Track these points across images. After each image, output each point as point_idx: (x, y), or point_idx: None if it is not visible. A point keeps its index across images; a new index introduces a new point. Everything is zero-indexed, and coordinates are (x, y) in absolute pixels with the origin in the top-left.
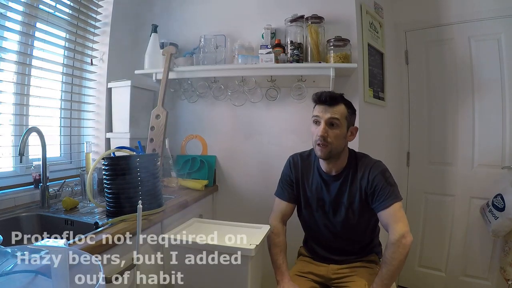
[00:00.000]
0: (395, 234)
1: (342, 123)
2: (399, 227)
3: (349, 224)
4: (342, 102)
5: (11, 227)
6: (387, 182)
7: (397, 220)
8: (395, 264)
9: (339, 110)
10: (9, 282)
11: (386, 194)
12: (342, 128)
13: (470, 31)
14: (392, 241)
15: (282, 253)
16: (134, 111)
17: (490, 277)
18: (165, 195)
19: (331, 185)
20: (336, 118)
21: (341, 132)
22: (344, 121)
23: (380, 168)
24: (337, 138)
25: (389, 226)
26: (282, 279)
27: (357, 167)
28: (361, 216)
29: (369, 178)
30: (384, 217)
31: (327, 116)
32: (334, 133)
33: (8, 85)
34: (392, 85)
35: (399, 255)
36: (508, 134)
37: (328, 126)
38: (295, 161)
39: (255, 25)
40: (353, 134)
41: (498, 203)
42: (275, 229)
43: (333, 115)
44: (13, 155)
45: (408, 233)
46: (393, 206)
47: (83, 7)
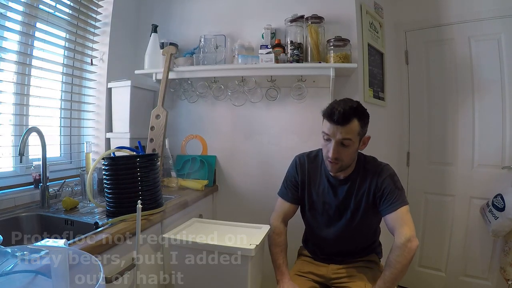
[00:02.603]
0: (401, 238)
1: (354, 140)
2: (405, 231)
3: (353, 227)
4: (355, 117)
5: (11, 227)
6: (395, 186)
7: (403, 224)
8: (399, 267)
9: (351, 129)
10: (9, 282)
11: (394, 198)
12: (354, 145)
13: (470, 31)
14: (398, 245)
15: (282, 253)
16: (134, 111)
17: (490, 277)
18: (165, 195)
19: (339, 189)
20: (348, 139)
21: (353, 149)
22: (356, 137)
23: (388, 172)
24: (349, 155)
25: (395, 230)
26: (282, 279)
27: (366, 170)
28: (366, 220)
29: (377, 181)
30: (391, 221)
31: (338, 137)
32: (346, 152)
33: (8, 85)
34: (392, 85)
35: (403, 259)
36: (508, 134)
37: (340, 145)
38: (302, 162)
39: (255, 25)
40: (365, 144)
41: (498, 203)
42: (277, 229)
43: (345, 136)
44: (13, 155)
45: (414, 237)
46: (400, 210)
47: (83, 7)
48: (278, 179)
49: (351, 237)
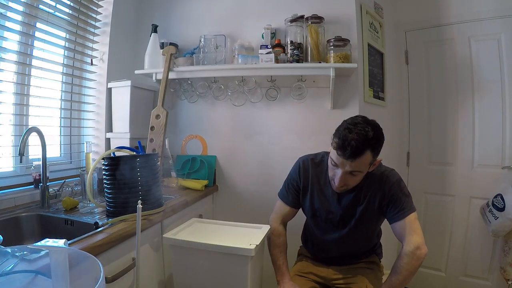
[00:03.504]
0: (410, 246)
1: (364, 171)
2: (414, 239)
3: (357, 234)
4: (369, 148)
5: (11, 227)
6: (402, 192)
7: (412, 232)
8: (405, 274)
9: (362, 162)
10: (9, 282)
11: (402, 205)
12: (364, 173)
13: (470, 31)
14: (407, 252)
15: (282, 254)
16: (134, 111)
17: (490, 277)
18: (165, 195)
19: (344, 197)
20: (358, 171)
21: (362, 176)
22: (367, 167)
23: (395, 178)
24: (356, 182)
25: (404, 237)
26: (283, 280)
27: (372, 177)
28: (370, 226)
29: (385, 189)
30: (399, 228)
31: (347, 169)
32: (354, 179)
33: (8, 85)
34: (392, 85)
35: (412, 266)
36: (508, 134)
37: (348, 174)
38: (305, 167)
39: (255, 25)
40: (374, 165)
41: (498, 203)
42: (276, 231)
43: (354, 169)
44: (13, 155)
45: (423, 245)
46: (408, 218)
47: (83, 7)
48: (278, 179)
49: (354, 243)
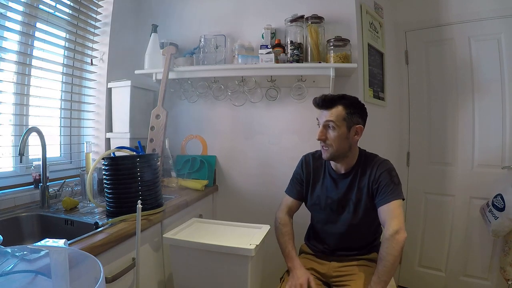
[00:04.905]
0: (389, 230)
1: (339, 124)
2: (394, 223)
3: (354, 222)
4: (340, 103)
5: (11, 227)
6: (391, 180)
7: (393, 217)
8: (390, 259)
9: (335, 113)
10: (9, 282)
11: (389, 191)
12: (341, 129)
13: (470, 31)
14: (386, 237)
15: (290, 241)
16: (134, 111)
17: (490, 277)
18: (165, 195)
19: (340, 182)
20: (331, 121)
21: (339, 133)
22: (341, 122)
23: (387, 166)
24: (336, 140)
25: (385, 222)
26: (294, 265)
27: (366, 165)
28: (367, 215)
29: (376, 174)
30: (382, 213)
31: (322, 119)
32: (332, 135)
33: (8, 85)
34: (392, 85)
35: (392, 250)
36: (508, 134)
37: (326, 128)
38: (307, 161)
39: (255, 25)
40: (358, 134)
41: (498, 203)
42: (282, 220)
43: (328, 118)
44: (13, 155)
45: (402, 230)
46: (392, 203)
47: (83, 7)
48: (278, 179)
49: (352, 232)
